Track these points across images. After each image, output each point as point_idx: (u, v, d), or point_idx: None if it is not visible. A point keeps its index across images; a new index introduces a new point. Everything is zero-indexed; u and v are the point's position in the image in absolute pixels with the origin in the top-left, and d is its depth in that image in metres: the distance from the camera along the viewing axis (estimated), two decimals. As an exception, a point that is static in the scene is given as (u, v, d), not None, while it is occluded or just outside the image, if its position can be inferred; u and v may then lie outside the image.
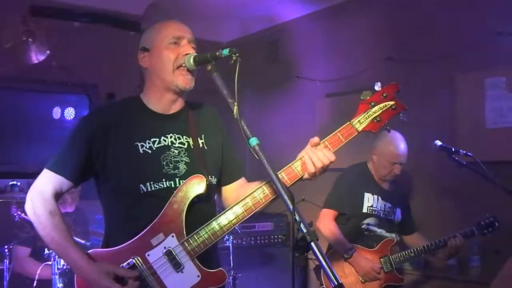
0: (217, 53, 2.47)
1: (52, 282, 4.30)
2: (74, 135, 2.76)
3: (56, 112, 6.44)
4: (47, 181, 2.72)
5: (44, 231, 2.68)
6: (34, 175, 5.60)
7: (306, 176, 2.58)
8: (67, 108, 6.47)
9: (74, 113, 6.49)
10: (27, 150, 6.18)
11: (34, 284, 4.48)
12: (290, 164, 2.60)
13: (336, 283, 2.08)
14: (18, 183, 4.94)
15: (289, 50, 6.99)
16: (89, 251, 2.67)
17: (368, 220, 4.72)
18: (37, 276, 4.48)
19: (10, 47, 6.05)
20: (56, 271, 4.28)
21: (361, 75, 6.05)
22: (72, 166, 2.71)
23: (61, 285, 4.30)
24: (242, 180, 2.96)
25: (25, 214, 4.51)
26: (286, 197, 2.23)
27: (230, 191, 2.92)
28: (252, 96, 6.79)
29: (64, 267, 4.33)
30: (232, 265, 5.33)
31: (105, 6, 6.60)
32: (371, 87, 2.72)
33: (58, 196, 2.73)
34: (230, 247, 5.27)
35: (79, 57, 6.40)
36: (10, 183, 4.99)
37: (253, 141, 2.30)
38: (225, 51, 2.43)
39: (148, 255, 2.58)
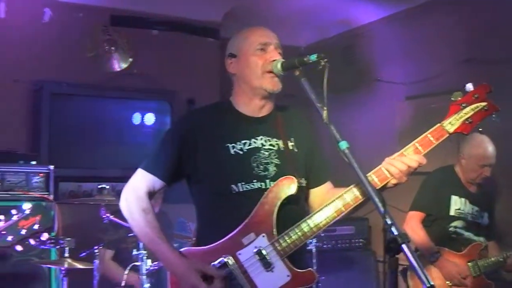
0: (304, 59, 2.51)
1: (140, 282, 4.40)
2: (167, 137, 2.88)
3: (137, 118, 6.59)
4: (141, 180, 2.82)
5: (138, 227, 2.79)
6: (116, 179, 5.81)
7: (393, 181, 2.58)
8: (146, 114, 6.61)
9: (154, 118, 6.63)
10: (109, 155, 6.36)
11: (122, 284, 4.59)
12: (380, 166, 2.60)
13: (429, 285, 2.08)
14: (107, 186, 5.08)
15: (366, 53, 6.95)
16: (181, 249, 2.74)
17: (456, 223, 4.66)
18: (123, 282, 4.60)
19: (93, 56, 6.26)
20: (143, 271, 4.38)
21: (442, 76, 5.96)
22: (164, 166, 2.80)
23: (148, 285, 4.39)
24: (328, 184, 2.96)
25: (114, 216, 4.72)
26: (376, 199, 2.24)
27: (316, 194, 2.92)
28: (330, 101, 6.76)
29: (151, 268, 4.43)
30: (315, 268, 5.33)
31: (182, 14, 6.72)
32: (452, 89, 2.70)
33: (151, 195, 2.83)
34: (313, 250, 5.28)
35: (159, 64, 6.56)
36: (99, 186, 5.14)
37: (343, 144, 2.32)
38: (313, 57, 2.47)
39: (239, 254, 2.62)
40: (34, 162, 5.37)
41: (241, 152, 2.73)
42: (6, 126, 5.88)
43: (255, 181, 2.70)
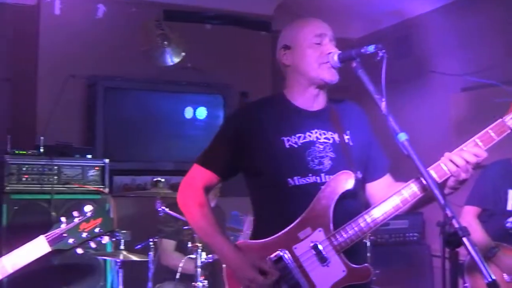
0: (362, 50, 2.49)
1: (195, 274, 4.44)
2: (222, 132, 2.89)
3: (189, 112, 6.64)
4: (197, 175, 2.84)
5: (194, 220, 2.83)
6: (170, 173, 5.86)
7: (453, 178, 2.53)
8: (199, 108, 6.66)
9: (206, 112, 6.67)
10: (163, 148, 6.43)
11: (177, 277, 4.63)
12: (438, 162, 2.56)
13: (490, 279, 2.05)
14: (163, 179, 5.15)
15: (420, 44, 6.86)
16: (237, 242, 2.77)
17: (513, 219, 4.57)
18: (180, 269, 4.63)
19: (146, 51, 6.32)
20: (199, 264, 4.41)
21: (497, 68, 5.83)
22: (219, 161, 2.82)
23: (203, 277, 4.42)
24: (388, 178, 2.92)
25: (169, 209, 4.76)
26: (437, 192, 2.20)
27: (376, 188, 2.89)
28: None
29: (206, 260, 4.47)
30: (369, 262, 5.29)
31: (235, 8, 6.74)
32: (509, 80, 2.64)
33: (207, 189, 2.84)
34: (367, 244, 5.25)
35: (211, 58, 6.59)
36: (154, 179, 5.21)
37: (402, 136, 2.30)
38: (371, 48, 2.44)
39: (295, 248, 2.61)
40: (89, 156, 5.47)
41: (295, 146, 2.72)
42: (63, 120, 6.01)
43: (310, 175, 2.68)
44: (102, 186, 5.34)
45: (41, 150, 5.25)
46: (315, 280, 2.59)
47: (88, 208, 2.27)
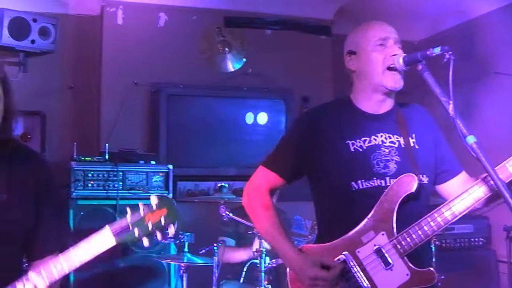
0: (427, 52, 2.46)
1: (259, 278, 4.46)
2: (289, 135, 2.94)
3: (249, 117, 6.67)
4: (262, 177, 2.87)
5: (258, 222, 2.87)
6: (232, 178, 5.89)
7: None
8: (259, 113, 6.68)
9: (266, 117, 6.69)
10: (225, 154, 6.47)
11: (244, 271, 4.66)
12: (504, 163, 2.52)
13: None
14: (226, 185, 5.19)
15: (483, 45, 6.72)
16: (301, 246, 2.77)
17: None
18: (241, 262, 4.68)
19: (208, 58, 6.40)
20: (263, 268, 4.42)
21: None
22: (285, 164, 2.84)
23: (266, 282, 4.43)
24: (464, 175, 2.87)
25: (233, 214, 4.80)
26: (506, 194, 2.16)
27: (453, 187, 2.83)
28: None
29: (270, 265, 4.48)
30: (434, 267, 5.20)
31: (294, 13, 6.74)
32: None
33: (272, 191, 2.87)
34: (433, 249, 5.17)
35: (272, 63, 6.61)
36: (219, 184, 5.26)
37: (471, 138, 2.27)
38: (437, 50, 2.42)
39: (358, 251, 2.61)
40: (153, 162, 5.56)
41: (361, 150, 2.72)
42: (127, 127, 6.12)
43: (374, 178, 2.68)
44: (166, 192, 5.43)
45: (106, 156, 5.36)
46: (378, 283, 2.58)
47: (153, 200, 2.28)
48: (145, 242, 2.27)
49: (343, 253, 2.62)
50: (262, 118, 6.67)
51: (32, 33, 5.55)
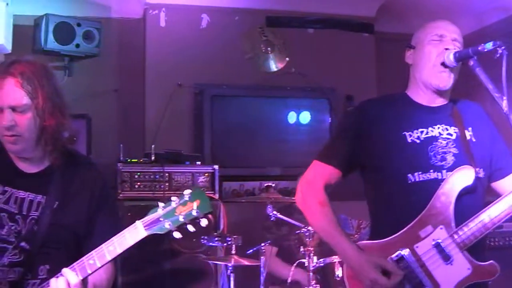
0: (479, 48, 2.45)
1: (307, 278, 4.42)
2: (342, 127, 2.92)
3: (292, 117, 6.64)
4: (317, 172, 2.83)
5: (314, 220, 2.83)
6: (277, 178, 5.86)
7: None
8: (302, 112, 6.64)
9: (309, 117, 6.65)
10: (269, 154, 6.46)
11: (288, 282, 4.63)
12: None
13: None
14: (273, 184, 5.16)
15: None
16: (357, 243, 2.72)
17: None
18: (289, 279, 4.63)
19: (251, 58, 6.41)
20: (310, 268, 4.39)
21: None
22: (340, 156, 2.81)
23: (314, 282, 4.40)
24: None
25: (280, 214, 4.77)
26: None
27: (507, 184, 2.79)
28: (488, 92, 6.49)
29: (317, 264, 4.44)
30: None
31: (336, 11, 6.70)
32: None
33: (327, 187, 2.81)
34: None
35: (315, 62, 6.57)
36: (265, 184, 5.23)
37: None
38: (489, 45, 2.40)
39: (417, 247, 2.57)
40: (199, 163, 5.56)
41: (418, 141, 2.69)
42: (171, 129, 6.15)
43: (431, 171, 2.64)
44: (211, 192, 5.42)
45: (153, 158, 5.38)
46: (439, 279, 2.54)
47: (186, 192, 2.27)
48: (176, 234, 2.26)
49: (401, 249, 2.58)
50: (305, 117, 6.63)
51: (76, 38, 5.60)
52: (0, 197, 2.55)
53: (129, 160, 5.36)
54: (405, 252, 2.57)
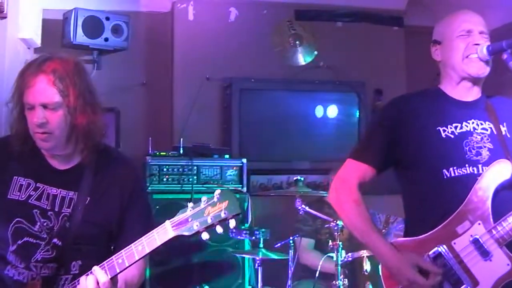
0: None
1: (334, 273, 4.40)
2: (376, 124, 2.88)
3: (319, 111, 6.62)
4: (351, 170, 2.79)
5: (348, 219, 2.78)
6: (305, 171, 5.85)
7: None
8: (329, 106, 6.62)
9: (337, 111, 6.62)
10: (297, 148, 6.45)
11: (317, 275, 4.60)
12: None
13: None
14: (302, 178, 5.15)
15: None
16: (392, 241, 2.70)
17: None
18: (319, 268, 4.60)
19: (279, 51, 6.40)
20: (339, 262, 4.37)
21: None
22: (374, 153, 2.77)
23: (342, 276, 4.38)
24: None
25: (309, 208, 4.76)
26: None
27: None
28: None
29: (346, 259, 4.42)
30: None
31: (365, 4, 6.67)
32: None
33: (362, 185, 2.78)
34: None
35: (344, 56, 6.55)
36: (294, 178, 5.22)
37: None
38: None
39: (454, 243, 2.54)
40: (227, 156, 5.57)
41: (452, 136, 2.66)
42: (200, 122, 6.16)
43: (467, 166, 2.61)
44: (240, 186, 5.43)
45: (181, 151, 5.40)
46: (478, 275, 2.50)
47: (216, 193, 2.26)
48: (204, 235, 2.25)
49: (438, 245, 2.55)
50: (332, 111, 6.61)
51: (105, 31, 5.63)
52: (33, 193, 2.56)
53: (157, 153, 5.37)
54: (443, 248, 2.54)
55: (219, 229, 2.24)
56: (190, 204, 2.27)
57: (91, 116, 2.54)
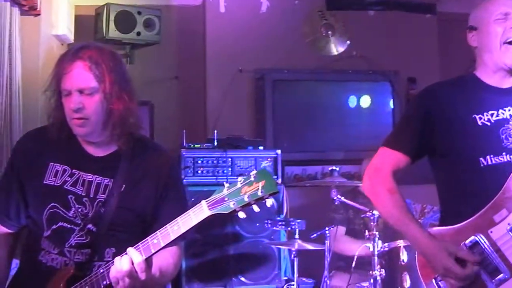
0: None
1: (371, 263, 4.39)
2: (410, 112, 2.85)
3: (352, 101, 6.59)
4: (385, 159, 2.77)
5: (383, 208, 2.76)
6: (339, 162, 5.84)
7: None
8: (362, 96, 6.59)
9: (370, 100, 6.59)
10: (331, 138, 6.46)
11: (353, 265, 4.58)
12: None
13: None
14: (337, 168, 5.13)
15: None
16: (428, 229, 2.67)
17: None
18: (356, 256, 4.57)
19: (311, 42, 6.38)
20: (375, 252, 4.35)
21: None
22: (409, 141, 2.74)
23: (379, 266, 4.36)
24: None
25: (344, 198, 4.75)
26: None
27: None
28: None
29: (382, 249, 4.40)
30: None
31: (396, -9, 6.63)
32: None
33: (396, 173, 2.75)
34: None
35: (377, 44, 6.52)
36: (329, 168, 5.21)
37: None
38: None
39: (491, 232, 2.50)
40: (261, 147, 5.57)
41: (488, 124, 2.62)
42: (234, 114, 6.21)
43: (504, 153, 2.57)
44: (274, 177, 5.41)
45: (215, 143, 5.42)
46: (516, 264, 2.47)
47: (252, 173, 2.25)
48: (241, 214, 2.25)
49: (475, 234, 2.52)
50: (365, 101, 6.58)
51: (137, 26, 5.67)
52: (68, 179, 2.58)
53: (192, 145, 5.40)
54: (480, 238, 2.50)
55: (255, 208, 2.24)
56: (226, 184, 2.27)
57: (127, 103, 2.56)
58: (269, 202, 2.24)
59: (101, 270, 2.41)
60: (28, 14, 4.54)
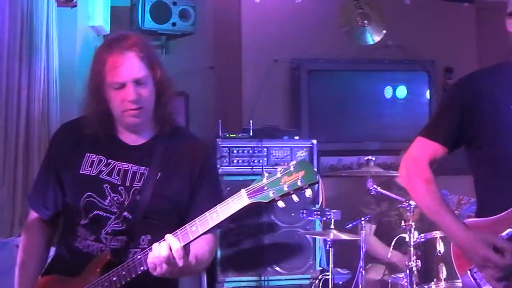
0: None
1: (407, 254, 4.35)
2: (447, 102, 2.80)
3: (388, 91, 6.54)
4: (421, 149, 2.75)
5: (419, 198, 2.75)
6: (375, 152, 5.80)
7: None
8: (398, 87, 6.54)
9: (406, 91, 6.53)
10: (366, 128, 6.43)
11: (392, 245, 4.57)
12: None
13: None
14: (373, 158, 5.11)
15: None
16: (464, 220, 2.65)
17: None
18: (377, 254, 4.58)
19: (347, 31, 6.35)
20: (411, 243, 4.32)
21: None
22: (445, 131, 2.71)
23: (415, 257, 4.33)
24: None
25: (381, 188, 4.73)
26: None
27: None
28: None
29: (418, 240, 4.37)
30: None
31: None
32: None
33: (432, 163, 2.73)
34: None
35: (413, 34, 6.47)
36: (365, 158, 5.19)
37: None
38: None
39: (527, 224, 2.48)
40: (297, 137, 5.56)
41: None
42: (268, 104, 6.20)
43: None
44: (311, 167, 5.40)
45: (251, 133, 5.43)
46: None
47: (292, 163, 2.26)
48: (280, 203, 2.25)
49: (511, 227, 2.49)
50: (401, 91, 6.53)
51: (172, 16, 5.70)
52: (104, 169, 2.62)
53: (227, 135, 5.41)
54: (517, 229, 2.48)
55: (295, 198, 2.25)
56: (266, 174, 2.27)
57: (170, 89, 2.62)
58: (308, 192, 2.23)
59: (139, 256, 2.43)
60: (64, 6, 4.58)
